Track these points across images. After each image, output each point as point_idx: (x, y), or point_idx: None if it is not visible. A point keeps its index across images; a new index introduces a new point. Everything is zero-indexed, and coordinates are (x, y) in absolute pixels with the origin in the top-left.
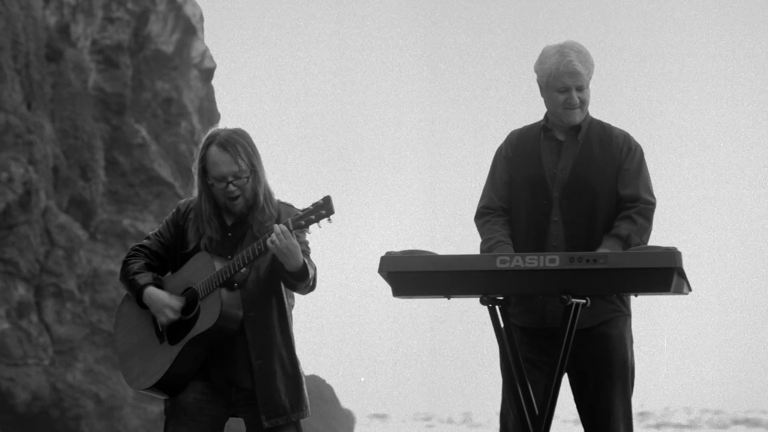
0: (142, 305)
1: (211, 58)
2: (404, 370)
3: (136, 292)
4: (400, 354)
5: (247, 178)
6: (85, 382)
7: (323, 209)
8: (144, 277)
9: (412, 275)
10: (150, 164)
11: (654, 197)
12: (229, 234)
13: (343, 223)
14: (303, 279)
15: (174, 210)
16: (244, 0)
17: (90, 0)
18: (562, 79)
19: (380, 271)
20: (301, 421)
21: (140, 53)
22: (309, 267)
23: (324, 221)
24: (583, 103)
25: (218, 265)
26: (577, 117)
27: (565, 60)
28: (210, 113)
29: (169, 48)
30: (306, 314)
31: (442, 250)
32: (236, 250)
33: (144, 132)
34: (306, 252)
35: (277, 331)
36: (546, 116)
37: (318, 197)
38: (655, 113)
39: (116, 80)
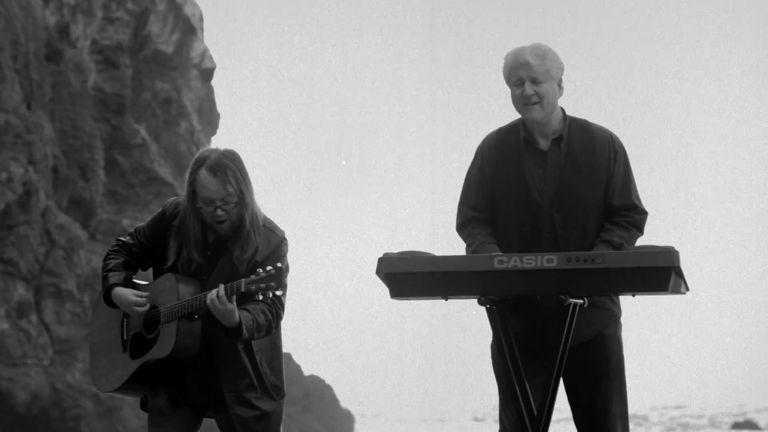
0: (111, 304)
1: (210, 58)
2: (404, 370)
3: (105, 291)
4: (399, 354)
5: (235, 203)
6: (85, 382)
7: (272, 281)
8: (115, 276)
9: (410, 276)
10: (150, 164)
11: (642, 204)
12: (209, 253)
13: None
14: (235, 337)
15: (160, 210)
16: (244, 0)
17: (90, 0)
18: (515, 71)
19: (378, 272)
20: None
21: (140, 53)
22: (243, 328)
23: (270, 293)
24: (541, 98)
25: (183, 292)
26: (537, 113)
27: (518, 55)
28: (209, 113)
29: (168, 48)
30: (306, 315)
31: (442, 252)
32: (211, 273)
33: (144, 132)
34: (267, 303)
35: (245, 359)
36: (523, 123)
37: (271, 268)
38: (655, 113)
39: (116, 80)
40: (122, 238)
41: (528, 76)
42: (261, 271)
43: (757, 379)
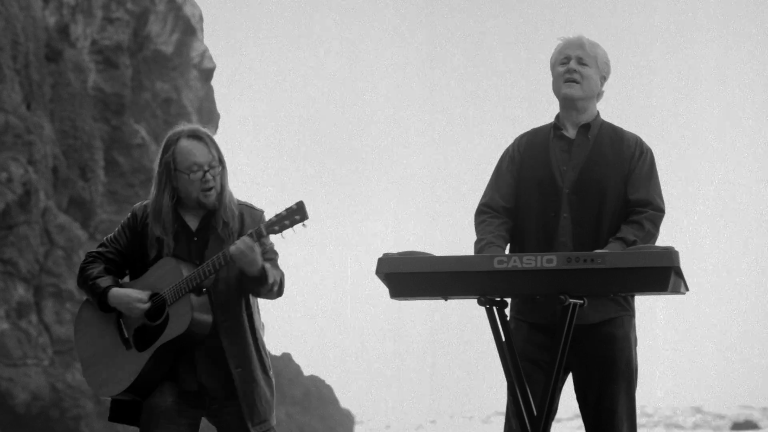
0: (106, 309)
1: (210, 58)
2: (404, 370)
3: (99, 296)
4: (399, 354)
5: (220, 170)
6: (85, 382)
7: (297, 214)
8: (104, 281)
9: (410, 276)
10: (149, 164)
11: (664, 204)
12: (195, 239)
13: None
14: (263, 284)
15: (129, 215)
16: (244, 0)
17: (89, 0)
18: (564, 50)
19: (377, 272)
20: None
21: (140, 53)
22: (269, 273)
23: (299, 226)
24: (584, 79)
25: (185, 271)
26: (575, 91)
27: (572, 38)
28: (209, 113)
29: (168, 48)
30: (306, 315)
31: (442, 252)
32: (203, 254)
33: (143, 132)
34: (272, 259)
35: (249, 337)
36: (557, 116)
37: (291, 202)
38: (655, 113)
39: (116, 80)
40: (94, 250)
41: (575, 55)
42: (282, 211)
43: (757, 379)
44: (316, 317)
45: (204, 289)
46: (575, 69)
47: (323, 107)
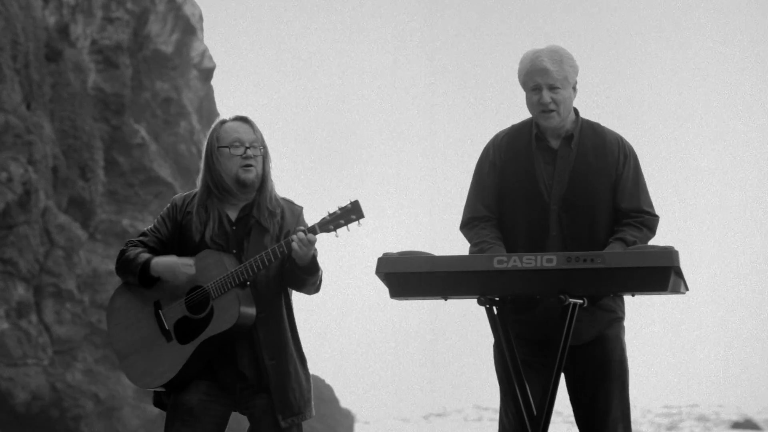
0: (146, 282)
1: (210, 58)
2: (404, 370)
3: (142, 267)
4: (399, 354)
5: (261, 154)
6: (85, 382)
7: (353, 213)
8: (146, 255)
9: (409, 276)
10: (149, 164)
11: (654, 209)
12: (234, 228)
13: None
14: (313, 273)
15: (169, 205)
16: (244, 0)
17: (89, 0)
18: (533, 77)
19: (377, 272)
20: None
21: (140, 53)
22: (318, 263)
23: (353, 225)
24: (558, 105)
25: (228, 264)
26: (554, 121)
27: (536, 59)
28: (209, 113)
29: (168, 48)
30: (306, 314)
31: (442, 252)
32: (242, 244)
33: (143, 132)
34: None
35: (287, 331)
36: (535, 122)
37: (346, 201)
38: (655, 112)
39: (116, 80)
40: (135, 238)
41: (546, 83)
42: (336, 209)
43: (757, 378)
44: (316, 317)
45: (248, 283)
46: (549, 100)
47: (323, 107)
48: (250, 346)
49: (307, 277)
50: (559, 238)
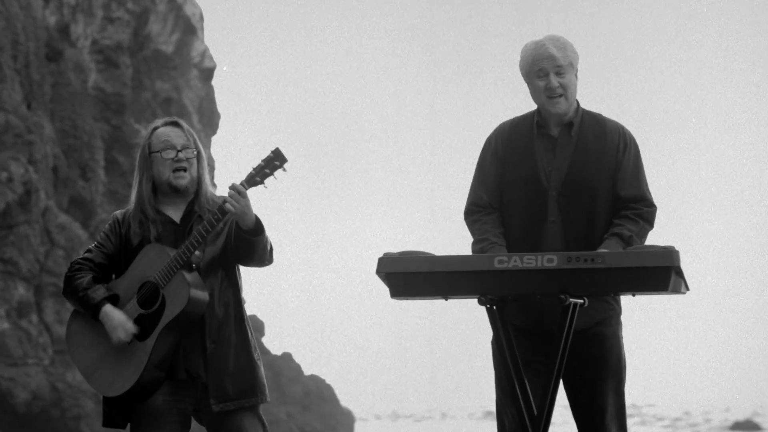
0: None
1: (210, 58)
2: (404, 370)
3: (93, 309)
4: (399, 354)
5: (194, 156)
6: (85, 381)
7: (276, 160)
8: (96, 292)
9: (410, 276)
10: None
11: (653, 199)
12: (180, 228)
13: (344, 224)
14: (259, 233)
15: (111, 221)
16: (244, 0)
17: (90, 0)
18: (538, 63)
19: (378, 272)
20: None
21: (140, 53)
22: (262, 223)
23: (279, 172)
24: (565, 90)
25: (170, 252)
26: (562, 106)
27: (540, 46)
28: (210, 113)
29: (169, 48)
30: (306, 314)
31: (442, 252)
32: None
33: (144, 132)
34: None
35: (232, 316)
36: (538, 110)
37: (267, 152)
38: (656, 112)
39: (116, 80)
40: (80, 257)
41: (552, 68)
42: (259, 162)
43: (758, 378)
44: (316, 317)
45: (194, 265)
46: (557, 84)
47: (323, 107)
48: (200, 335)
49: (255, 238)
50: (557, 225)
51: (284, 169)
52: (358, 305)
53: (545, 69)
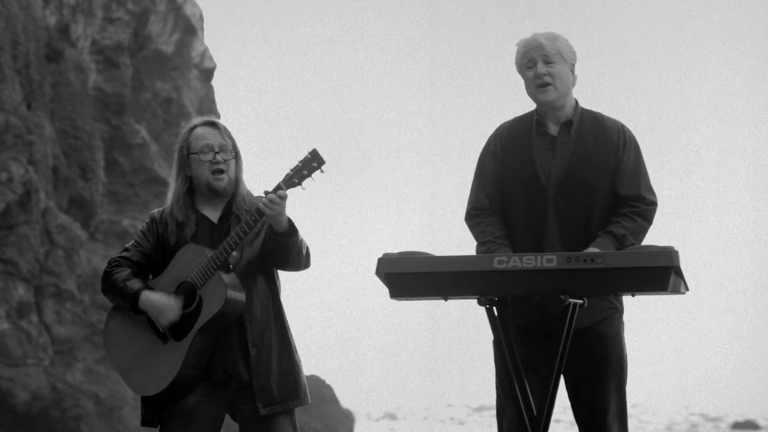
0: (138, 311)
1: (210, 58)
2: (404, 370)
3: (131, 299)
4: (399, 354)
5: (233, 157)
6: (85, 382)
7: (314, 162)
8: (134, 284)
9: (409, 277)
10: (150, 164)
11: (655, 196)
12: (217, 228)
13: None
14: (292, 235)
15: (148, 220)
16: (244, 0)
17: (90, 0)
18: (527, 54)
19: (377, 272)
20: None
21: (140, 53)
22: (296, 226)
23: (317, 173)
24: (554, 78)
25: (208, 252)
26: (551, 94)
27: (530, 39)
28: (210, 113)
29: (169, 48)
30: (307, 314)
31: (442, 252)
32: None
33: (144, 132)
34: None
35: (272, 317)
36: (536, 109)
37: (304, 153)
38: (656, 112)
39: (116, 80)
40: (117, 255)
41: (540, 56)
42: (297, 163)
43: (758, 378)
44: (316, 317)
45: (231, 266)
46: (544, 72)
47: (323, 107)
48: (239, 337)
49: (288, 240)
50: (556, 223)
51: (322, 171)
52: (358, 305)
53: (534, 58)
